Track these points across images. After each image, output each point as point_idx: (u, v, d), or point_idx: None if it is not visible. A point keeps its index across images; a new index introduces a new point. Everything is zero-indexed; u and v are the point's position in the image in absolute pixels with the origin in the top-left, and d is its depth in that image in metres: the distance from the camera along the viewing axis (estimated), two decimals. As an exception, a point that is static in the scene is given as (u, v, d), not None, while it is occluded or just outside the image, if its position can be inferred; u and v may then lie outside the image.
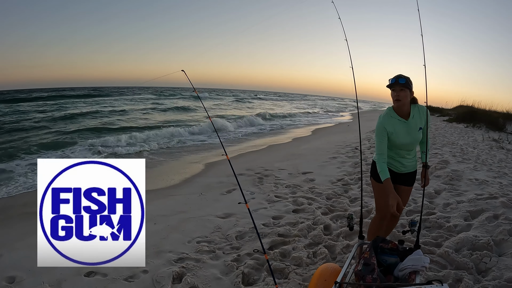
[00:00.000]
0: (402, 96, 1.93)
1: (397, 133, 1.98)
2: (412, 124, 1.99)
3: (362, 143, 8.36)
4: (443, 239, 2.76)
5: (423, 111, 2.02)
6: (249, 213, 1.88)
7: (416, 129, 1.99)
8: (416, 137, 2.02)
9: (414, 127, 1.99)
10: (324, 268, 1.72)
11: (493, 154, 6.43)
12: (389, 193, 1.90)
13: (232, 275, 2.34)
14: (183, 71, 2.39)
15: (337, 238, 2.90)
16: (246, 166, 5.89)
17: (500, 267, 2.27)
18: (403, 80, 1.91)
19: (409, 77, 1.94)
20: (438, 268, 2.35)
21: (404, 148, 2.05)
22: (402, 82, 1.91)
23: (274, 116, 18.83)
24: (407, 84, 1.92)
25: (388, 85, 1.97)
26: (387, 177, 1.93)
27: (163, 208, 3.85)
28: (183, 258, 2.63)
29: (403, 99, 1.93)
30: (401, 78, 1.92)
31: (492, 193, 3.69)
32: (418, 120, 2.00)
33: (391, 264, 1.78)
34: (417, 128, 2.00)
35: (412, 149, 2.11)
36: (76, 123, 12.93)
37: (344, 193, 4.26)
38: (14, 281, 2.37)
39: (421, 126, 2.01)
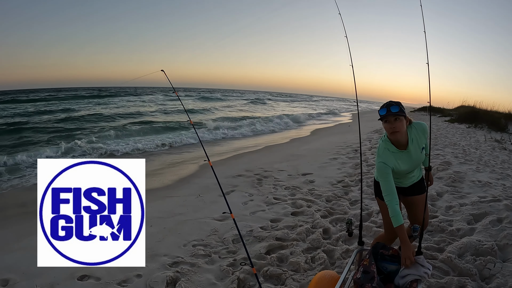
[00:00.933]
0: (399, 127, 1.70)
1: (400, 165, 1.80)
2: (413, 150, 1.80)
3: (363, 144, 8.29)
4: (446, 243, 2.68)
5: (421, 128, 1.82)
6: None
7: (418, 152, 1.82)
8: (419, 159, 1.85)
9: (415, 152, 1.81)
10: (322, 276, 1.65)
11: (495, 155, 6.34)
12: (402, 242, 1.64)
13: (227, 281, 2.28)
14: (162, 71, 2.38)
15: (336, 242, 2.83)
16: (246, 167, 5.83)
17: (504, 274, 2.20)
18: (396, 108, 1.68)
19: (399, 101, 1.72)
20: (441, 274, 2.28)
21: (408, 173, 1.89)
22: (396, 110, 1.67)
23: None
24: (401, 112, 1.69)
25: (380, 118, 1.75)
26: (399, 224, 1.66)
27: (159, 210, 3.78)
28: (178, 262, 2.57)
29: (401, 129, 1.71)
30: (393, 106, 1.69)
31: (496, 196, 3.61)
32: (418, 143, 1.81)
33: (391, 271, 1.71)
34: (419, 150, 1.82)
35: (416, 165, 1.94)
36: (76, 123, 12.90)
37: (344, 195, 4.18)
38: (8, 283, 2.34)
39: (423, 145, 1.82)
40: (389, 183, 1.73)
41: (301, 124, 16.23)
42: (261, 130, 12.75)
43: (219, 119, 14.74)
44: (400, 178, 1.92)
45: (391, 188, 1.72)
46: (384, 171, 1.74)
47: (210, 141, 9.78)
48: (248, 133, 11.77)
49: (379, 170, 1.78)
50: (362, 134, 10.35)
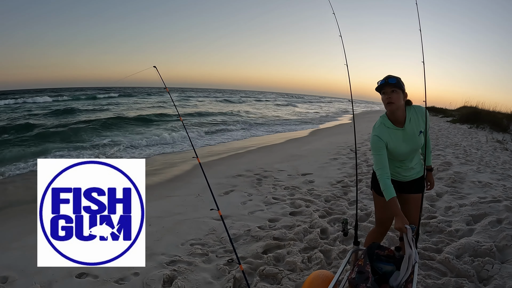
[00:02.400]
0: (395, 98, 1.71)
1: (394, 143, 1.78)
2: (409, 129, 1.78)
3: (364, 144, 8.27)
4: (444, 244, 2.67)
5: (421, 112, 1.80)
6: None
7: (416, 134, 1.79)
8: (416, 143, 1.81)
9: (412, 132, 1.78)
10: (316, 275, 1.65)
11: (497, 156, 6.30)
12: (396, 215, 1.65)
13: (223, 280, 2.28)
14: (155, 67, 2.34)
15: (333, 242, 2.82)
16: (246, 167, 5.83)
17: (502, 275, 2.18)
18: (394, 80, 1.71)
19: (399, 77, 1.74)
20: (438, 275, 2.27)
21: (405, 157, 1.85)
22: (393, 82, 1.70)
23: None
24: (398, 84, 1.71)
25: (377, 88, 1.76)
26: (392, 196, 1.68)
27: (159, 209, 3.80)
28: (175, 261, 2.58)
29: (396, 101, 1.72)
30: (391, 78, 1.71)
31: (496, 196, 3.59)
32: (416, 124, 1.79)
33: (386, 272, 1.70)
34: (417, 132, 1.79)
35: (415, 155, 1.92)
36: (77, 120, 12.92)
37: (343, 195, 4.17)
38: (7, 281, 2.36)
39: (421, 129, 1.80)
40: (381, 157, 1.74)
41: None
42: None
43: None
44: (399, 167, 1.89)
45: (383, 162, 1.73)
46: (377, 145, 1.76)
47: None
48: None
49: (372, 144, 1.78)
50: (363, 135, 10.32)
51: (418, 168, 1.94)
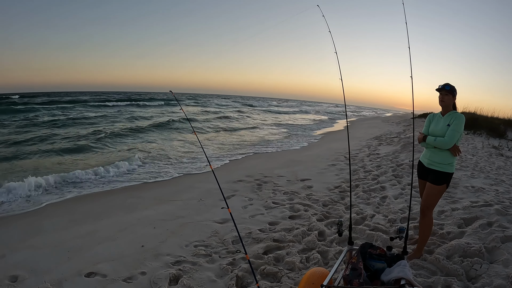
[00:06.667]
0: (446, 100, 2.49)
1: (433, 122, 2.63)
2: (443, 120, 2.53)
3: (362, 151, 8.41)
4: (435, 246, 2.80)
5: (457, 117, 2.48)
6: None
7: (446, 124, 2.49)
8: (442, 129, 2.50)
9: (443, 122, 2.52)
10: (313, 272, 1.78)
11: (491, 161, 6.44)
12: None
13: (226, 278, 2.41)
14: (171, 91, 2.95)
15: (330, 244, 2.96)
16: (246, 173, 5.98)
17: (490, 274, 2.31)
18: (448, 87, 2.46)
19: (454, 86, 2.46)
20: (428, 274, 2.40)
21: (433, 132, 2.57)
22: (448, 88, 2.46)
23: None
24: (451, 91, 2.47)
25: (437, 89, 2.51)
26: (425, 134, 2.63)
27: (163, 213, 3.94)
28: (180, 261, 2.71)
29: (446, 102, 2.49)
30: (447, 85, 2.46)
31: (488, 201, 3.72)
32: (449, 120, 2.49)
33: (378, 269, 1.84)
34: (446, 124, 2.49)
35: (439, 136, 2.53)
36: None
37: (341, 200, 4.31)
38: (17, 280, 2.46)
39: (450, 124, 2.49)
40: (425, 128, 2.67)
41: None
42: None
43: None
44: (427, 148, 2.64)
45: (426, 131, 2.66)
46: (428, 119, 2.70)
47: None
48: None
49: (427, 119, 2.72)
50: (362, 141, 10.48)
51: (439, 159, 2.53)
